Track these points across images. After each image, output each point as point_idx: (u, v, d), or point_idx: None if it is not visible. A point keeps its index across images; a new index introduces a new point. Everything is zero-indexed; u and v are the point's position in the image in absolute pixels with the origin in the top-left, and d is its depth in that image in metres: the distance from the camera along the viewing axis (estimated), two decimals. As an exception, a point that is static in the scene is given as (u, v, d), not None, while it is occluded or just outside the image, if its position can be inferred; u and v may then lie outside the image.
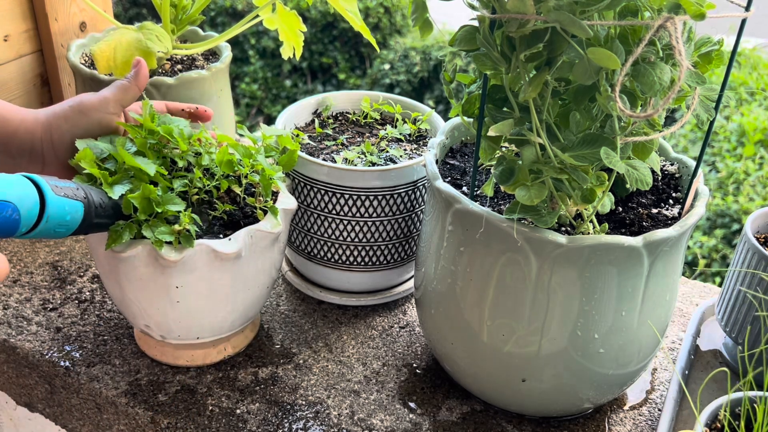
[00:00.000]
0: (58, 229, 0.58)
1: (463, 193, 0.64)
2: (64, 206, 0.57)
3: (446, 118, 0.80)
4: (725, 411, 0.61)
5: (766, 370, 0.68)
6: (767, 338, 0.69)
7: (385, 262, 0.83)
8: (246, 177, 0.70)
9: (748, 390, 0.62)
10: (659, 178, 0.72)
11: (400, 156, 0.82)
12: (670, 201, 0.69)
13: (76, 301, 0.86)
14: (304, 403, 0.73)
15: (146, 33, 0.84)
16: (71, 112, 0.68)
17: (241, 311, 0.73)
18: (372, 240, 0.81)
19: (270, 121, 3.90)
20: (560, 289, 0.60)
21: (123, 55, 0.82)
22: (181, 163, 0.69)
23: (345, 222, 0.79)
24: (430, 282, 0.69)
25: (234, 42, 3.87)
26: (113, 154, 0.66)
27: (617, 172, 0.57)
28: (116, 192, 0.62)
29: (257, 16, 0.89)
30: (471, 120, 0.66)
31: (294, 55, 0.92)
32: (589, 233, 0.62)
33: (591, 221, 0.62)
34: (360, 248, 0.81)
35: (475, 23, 0.56)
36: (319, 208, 0.79)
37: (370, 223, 0.79)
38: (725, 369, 0.78)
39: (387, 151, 0.83)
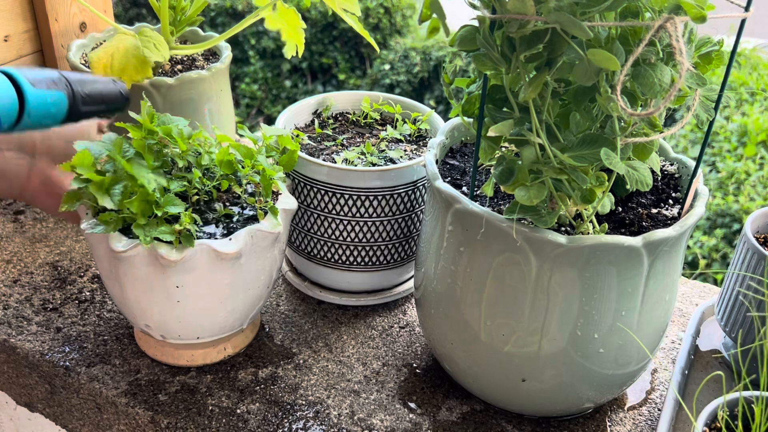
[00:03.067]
0: (44, 121, 0.57)
1: (463, 193, 0.64)
2: (45, 98, 0.56)
3: (446, 119, 0.80)
4: (723, 411, 0.61)
5: (763, 370, 0.68)
6: (761, 335, 0.69)
7: (385, 262, 0.83)
8: (246, 177, 0.70)
9: (748, 390, 0.62)
10: (659, 178, 0.72)
11: (400, 156, 0.82)
12: (670, 201, 0.69)
13: (76, 301, 0.86)
14: (304, 403, 0.73)
15: (144, 40, 0.84)
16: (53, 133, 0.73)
17: (241, 311, 0.73)
18: (372, 240, 0.81)
19: (270, 121, 3.90)
20: (560, 289, 0.60)
21: (120, 62, 0.83)
22: (181, 164, 0.69)
23: (345, 222, 0.79)
24: (430, 282, 0.69)
25: (234, 42, 3.88)
26: (111, 155, 0.66)
27: (617, 173, 0.57)
28: (115, 193, 0.62)
29: (258, 15, 0.89)
30: (471, 120, 0.66)
31: (297, 53, 0.92)
32: (588, 233, 0.62)
33: (591, 221, 0.62)
34: (360, 248, 0.81)
35: (476, 23, 0.56)
36: (319, 208, 0.79)
37: (370, 223, 0.79)
38: (723, 370, 0.78)
39: (387, 152, 0.83)
